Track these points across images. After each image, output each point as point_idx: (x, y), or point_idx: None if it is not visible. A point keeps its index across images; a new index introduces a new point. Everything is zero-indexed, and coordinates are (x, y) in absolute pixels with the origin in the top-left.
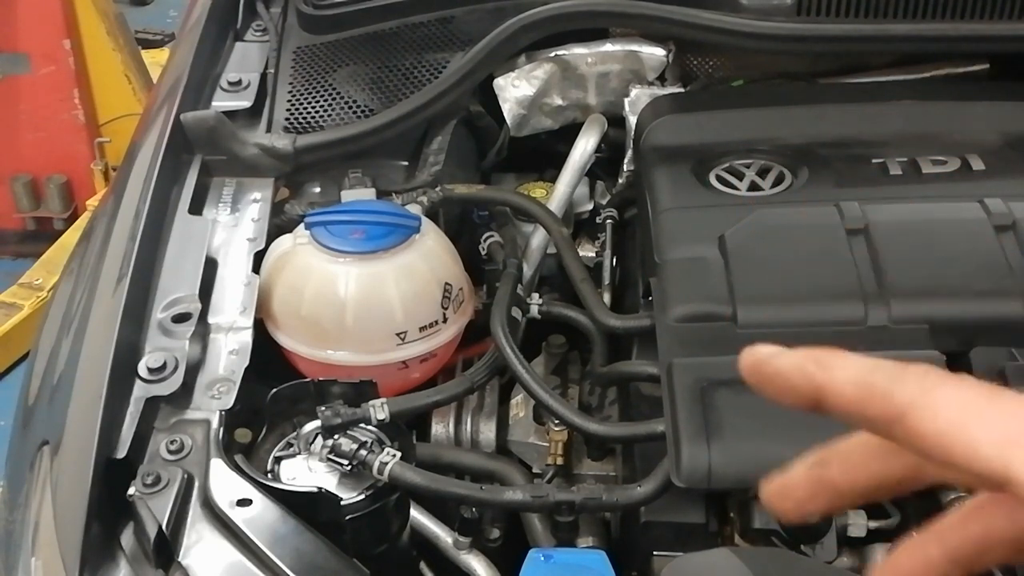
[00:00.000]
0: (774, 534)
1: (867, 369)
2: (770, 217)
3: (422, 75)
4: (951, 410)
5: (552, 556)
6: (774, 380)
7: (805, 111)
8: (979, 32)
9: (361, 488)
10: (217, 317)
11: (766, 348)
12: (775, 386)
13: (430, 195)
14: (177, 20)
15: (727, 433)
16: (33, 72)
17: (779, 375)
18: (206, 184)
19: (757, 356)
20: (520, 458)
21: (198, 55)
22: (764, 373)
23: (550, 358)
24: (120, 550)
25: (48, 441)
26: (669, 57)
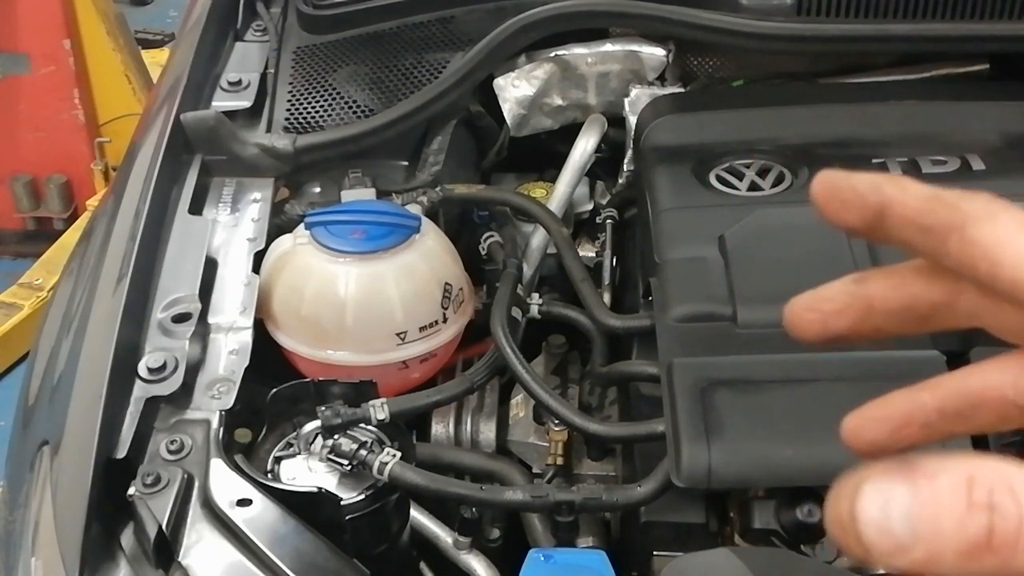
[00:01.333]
0: (774, 534)
1: (935, 188)
2: (770, 217)
3: (422, 75)
4: (1011, 225)
5: (552, 556)
6: (844, 193)
7: (805, 111)
8: (979, 32)
9: (361, 488)
10: (217, 317)
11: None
12: (843, 199)
13: (430, 195)
14: (177, 20)
15: (727, 433)
16: (33, 72)
17: (851, 188)
18: (206, 184)
19: (832, 174)
20: (520, 458)
21: (198, 55)
22: (837, 186)
23: (550, 358)
24: (120, 550)
25: (48, 441)
26: (669, 57)
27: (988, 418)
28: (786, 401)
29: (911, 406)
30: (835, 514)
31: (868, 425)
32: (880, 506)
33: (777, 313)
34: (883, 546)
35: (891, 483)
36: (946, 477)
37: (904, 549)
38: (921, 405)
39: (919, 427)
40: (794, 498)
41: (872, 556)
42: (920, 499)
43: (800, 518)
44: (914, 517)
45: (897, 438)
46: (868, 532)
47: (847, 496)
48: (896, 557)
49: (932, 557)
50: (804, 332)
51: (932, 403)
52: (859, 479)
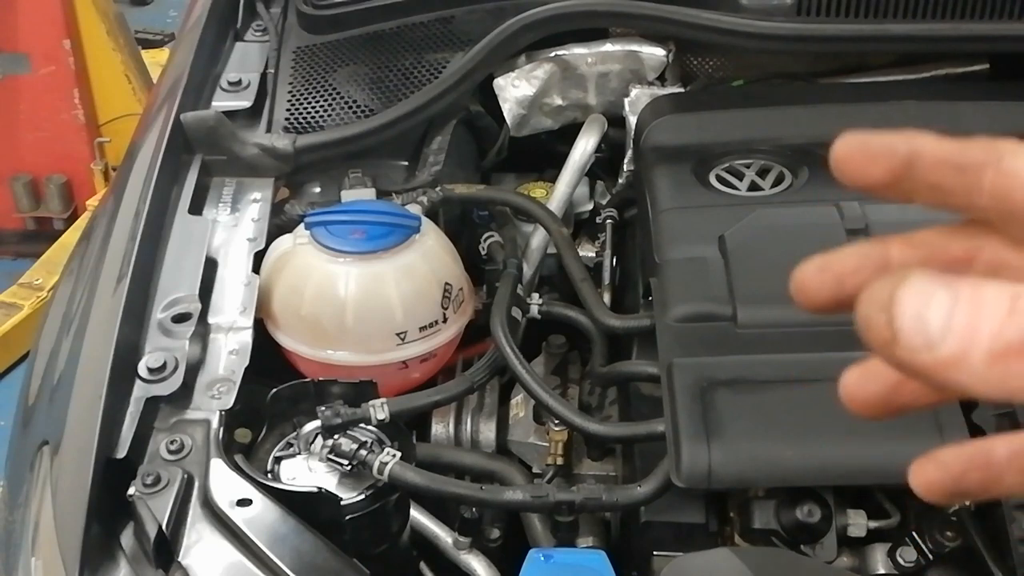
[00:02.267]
0: (774, 534)
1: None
2: (770, 217)
3: (422, 75)
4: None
5: (552, 556)
6: (871, 145)
7: (805, 111)
8: (979, 32)
9: (361, 488)
10: (217, 317)
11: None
12: (870, 152)
13: (430, 195)
14: (177, 20)
15: (727, 433)
16: (33, 72)
17: (879, 141)
18: (206, 184)
19: (853, 135)
20: (520, 458)
21: (198, 55)
22: (862, 141)
23: (550, 358)
24: (120, 550)
25: (48, 441)
26: (669, 57)
27: None
28: (786, 401)
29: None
30: (874, 295)
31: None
32: (921, 298)
33: (777, 313)
34: (915, 337)
35: (936, 284)
36: (991, 289)
37: (932, 345)
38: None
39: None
40: (794, 498)
41: (898, 347)
42: (962, 299)
43: (800, 518)
44: (953, 314)
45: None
46: (904, 318)
47: (892, 281)
48: (922, 352)
49: (960, 355)
50: (815, 295)
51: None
52: (906, 272)
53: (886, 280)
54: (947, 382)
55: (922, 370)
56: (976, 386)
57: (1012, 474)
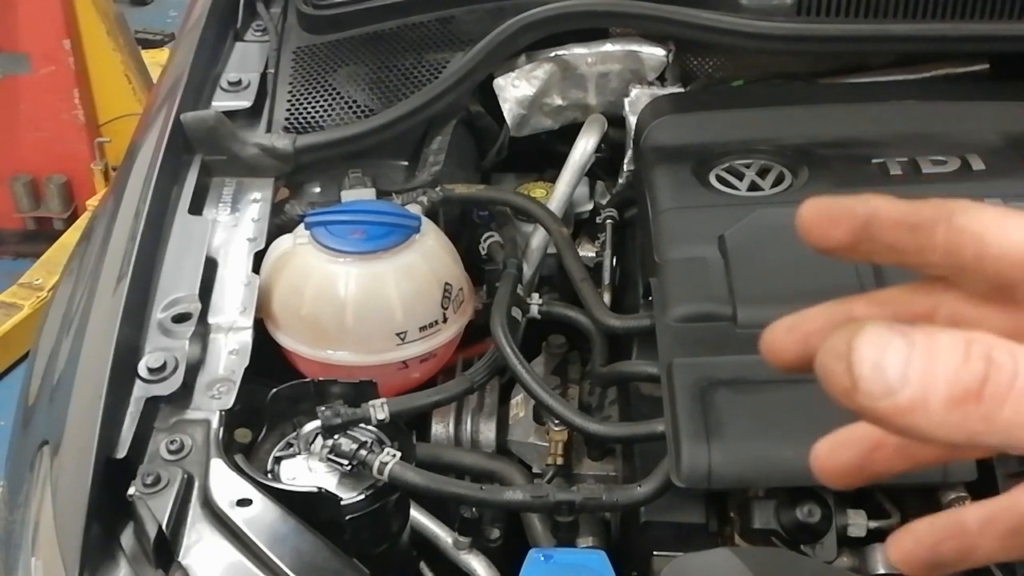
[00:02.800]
0: (774, 534)
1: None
2: (770, 217)
3: (422, 75)
4: (994, 212)
5: (552, 556)
6: (832, 210)
7: (805, 111)
8: (979, 32)
9: (361, 488)
10: (217, 317)
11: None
12: (831, 215)
13: (430, 195)
14: (177, 20)
15: (727, 433)
16: (33, 72)
17: (838, 204)
18: (206, 184)
19: (816, 199)
20: (520, 458)
21: (198, 55)
22: (824, 206)
23: (550, 358)
24: (120, 550)
25: (48, 441)
26: (669, 57)
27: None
28: (786, 401)
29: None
30: (832, 345)
31: (840, 452)
32: (878, 347)
33: (777, 313)
34: (873, 385)
35: (891, 333)
36: (946, 336)
37: (892, 392)
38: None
39: (893, 450)
40: (794, 498)
41: (858, 394)
42: (918, 346)
43: (800, 518)
44: (910, 360)
45: (868, 463)
46: (862, 367)
47: (848, 331)
48: (882, 399)
49: (918, 401)
50: (783, 353)
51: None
52: (861, 323)
53: (843, 330)
54: (907, 428)
55: (883, 417)
56: (936, 431)
57: (987, 540)
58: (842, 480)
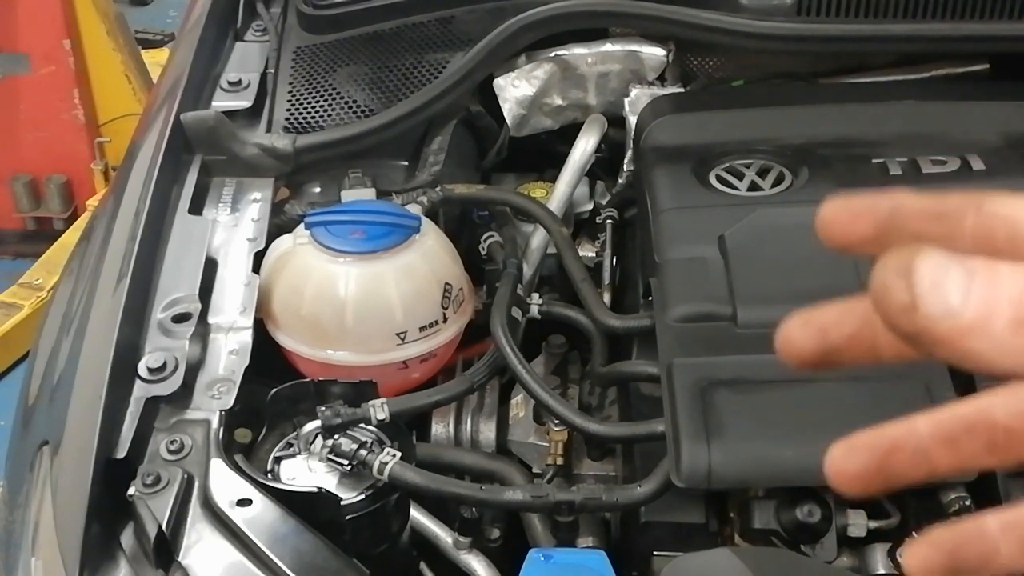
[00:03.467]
0: (774, 534)
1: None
2: (770, 217)
3: (422, 75)
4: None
5: (552, 556)
6: (854, 205)
7: (805, 111)
8: (979, 32)
9: (361, 488)
10: (217, 317)
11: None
12: (853, 211)
13: (430, 195)
14: (177, 20)
15: (727, 433)
16: (33, 72)
17: (860, 200)
18: (206, 184)
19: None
20: (520, 458)
21: (198, 55)
22: (845, 203)
23: (550, 358)
24: (120, 550)
25: (48, 441)
26: (669, 57)
27: (977, 445)
28: (786, 401)
29: (903, 431)
30: (892, 261)
31: (855, 454)
32: (940, 268)
33: (777, 313)
34: (935, 304)
35: (951, 259)
36: (1005, 265)
37: (953, 312)
38: (914, 430)
39: (910, 454)
40: (794, 498)
41: (917, 314)
42: (979, 273)
43: (800, 518)
44: (972, 282)
45: (886, 466)
46: (923, 284)
47: (909, 250)
48: (943, 320)
49: (981, 323)
50: (800, 348)
51: (925, 428)
52: (919, 246)
53: (903, 250)
54: (967, 353)
55: (942, 339)
56: (995, 357)
57: (1008, 545)
58: (857, 485)
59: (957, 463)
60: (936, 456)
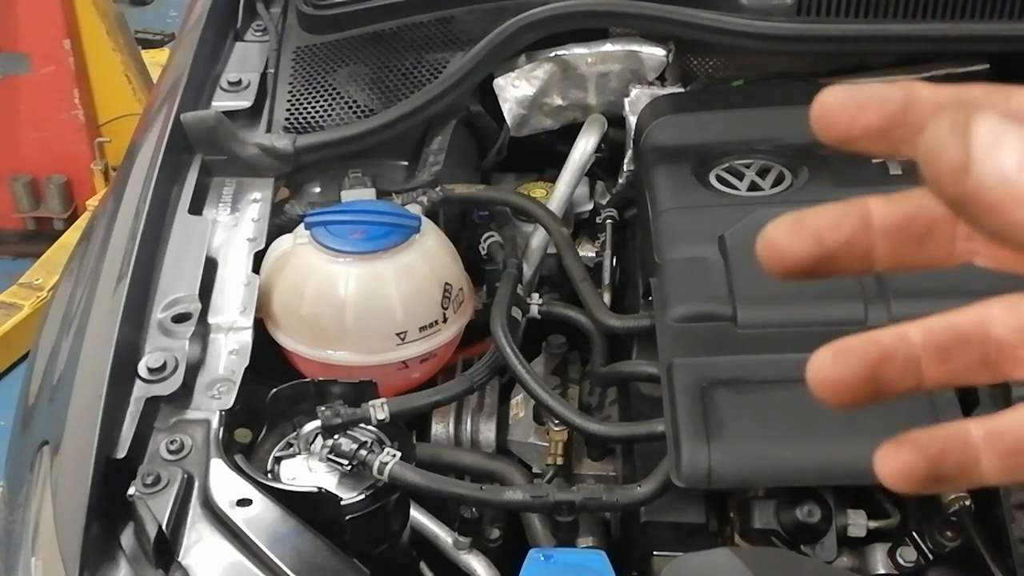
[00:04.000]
0: (774, 534)
1: None
2: (770, 217)
3: (422, 75)
4: None
5: (552, 556)
6: (860, 94)
7: (805, 111)
8: (979, 32)
9: (361, 488)
10: (217, 317)
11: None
12: (860, 101)
13: (430, 195)
14: (177, 20)
15: (727, 433)
16: (33, 72)
17: (868, 88)
18: (206, 184)
19: (835, 87)
20: (520, 458)
21: (198, 55)
22: (849, 92)
23: (550, 358)
24: (120, 550)
25: (48, 441)
26: (669, 57)
27: (971, 357)
28: (786, 401)
29: (895, 338)
30: (947, 119)
31: (843, 360)
32: (997, 131)
33: (777, 313)
34: (990, 166)
35: (1007, 125)
36: None
37: (1007, 179)
38: (905, 337)
39: (902, 363)
40: (794, 498)
41: (969, 176)
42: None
43: (800, 518)
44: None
45: (875, 375)
46: (980, 146)
47: (964, 111)
48: (997, 186)
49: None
50: (791, 255)
51: (918, 337)
52: (972, 109)
53: (957, 109)
54: (1015, 224)
55: (991, 206)
56: None
57: (989, 457)
58: (844, 394)
59: (948, 376)
60: (927, 367)
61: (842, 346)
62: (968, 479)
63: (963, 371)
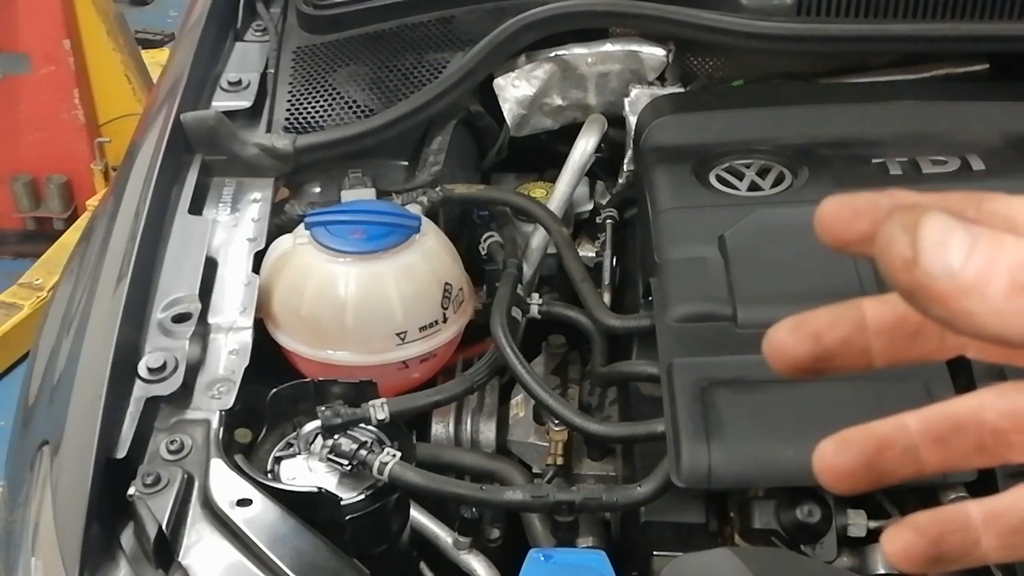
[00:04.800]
0: (774, 534)
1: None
2: (770, 217)
3: (422, 75)
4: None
5: (552, 556)
6: (855, 203)
7: (805, 111)
8: (979, 32)
9: (361, 488)
10: (217, 317)
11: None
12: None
13: (430, 195)
14: (177, 20)
15: (727, 433)
16: (33, 72)
17: (861, 197)
18: (206, 184)
19: (835, 197)
20: (520, 458)
21: (198, 55)
22: (845, 200)
23: (550, 358)
24: (120, 550)
25: (48, 441)
26: (669, 57)
27: (967, 445)
28: (786, 401)
29: (893, 428)
30: (899, 217)
31: (845, 450)
32: (944, 229)
33: (777, 313)
34: (935, 261)
35: (956, 223)
36: (1009, 236)
37: (952, 272)
38: (903, 427)
39: (901, 451)
40: (794, 498)
41: (917, 270)
42: (982, 238)
43: (800, 518)
44: (974, 245)
45: (876, 463)
46: (927, 241)
47: (915, 211)
48: (942, 278)
49: (979, 285)
50: (792, 354)
51: (915, 425)
52: (926, 208)
53: (910, 208)
54: (961, 313)
55: (939, 297)
56: (990, 319)
57: (989, 537)
58: (846, 482)
59: (946, 462)
60: (926, 454)
61: (844, 436)
62: (970, 558)
63: (960, 456)
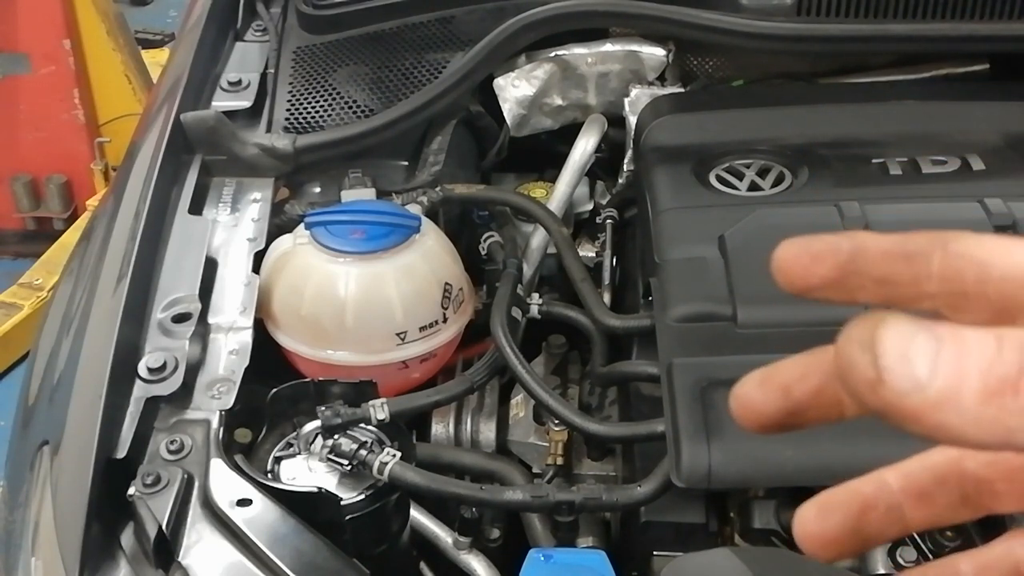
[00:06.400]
0: (774, 534)
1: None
2: (770, 217)
3: (422, 75)
4: (990, 237)
5: (552, 556)
6: (814, 247)
7: (805, 111)
8: (979, 32)
9: (361, 488)
10: (217, 317)
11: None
12: (814, 253)
13: (430, 195)
14: (177, 20)
15: (727, 433)
16: (33, 72)
17: (821, 240)
18: (206, 184)
19: (792, 240)
20: (520, 458)
21: (198, 55)
22: (804, 244)
23: (550, 358)
24: (120, 550)
25: (48, 441)
26: (669, 57)
27: (951, 497)
28: None
29: (874, 487)
30: (854, 334)
31: (827, 516)
32: (904, 338)
33: (777, 313)
34: (901, 378)
35: (916, 326)
36: (972, 331)
37: (921, 386)
38: (884, 485)
39: (884, 512)
40: (794, 498)
41: (884, 389)
42: (946, 340)
43: None
44: (940, 353)
45: (860, 526)
46: (888, 358)
47: (871, 321)
48: (911, 394)
49: (951, 395)
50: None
51: (896, 483)
52: (884, 315)
53: (864, 320)
54: (937, 427)
55: (911, 415)
56: (968, 429)
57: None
58: (832, 549)
59: (932, 518)
60: (910, 511)
61: (824, 501)
62: None
63: (946, 511)
